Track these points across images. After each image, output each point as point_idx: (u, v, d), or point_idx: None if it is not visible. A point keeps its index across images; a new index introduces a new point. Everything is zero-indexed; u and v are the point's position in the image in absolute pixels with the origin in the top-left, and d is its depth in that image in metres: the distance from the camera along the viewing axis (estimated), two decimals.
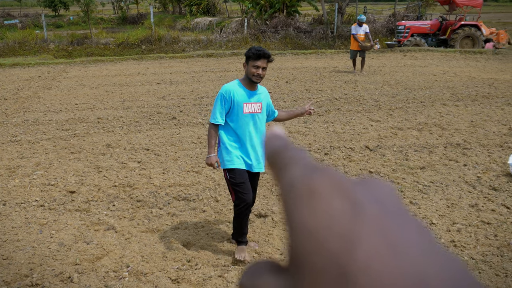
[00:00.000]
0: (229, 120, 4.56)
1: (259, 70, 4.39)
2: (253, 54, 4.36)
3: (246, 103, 4.51)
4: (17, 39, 24.55)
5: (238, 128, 4.54)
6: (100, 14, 52.80)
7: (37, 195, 6.41)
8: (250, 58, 4.40)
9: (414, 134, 8.88)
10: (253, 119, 4.57)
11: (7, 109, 11.39)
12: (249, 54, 4.42)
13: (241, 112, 4.50)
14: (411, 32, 22.87)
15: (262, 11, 29.12)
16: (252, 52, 4.39)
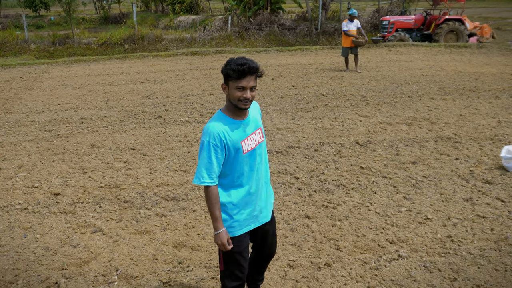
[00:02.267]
0: (226, 170, 3.26)
1: (246, 93, 3.06)
2: (234, 71, 3.00)
3: (244, 139, 3.21)
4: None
5: (241, 176, 3.27)
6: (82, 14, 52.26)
7: (20, 198, 6.20)
8: (230, 77, 3.04)
9: (403, 129, 8.79)
10: (258, 152, 3.32)
11: None
12: (227, 71, 3.05)
13: (240, 155, 3.20)
14: (395, 27, 22.87)
15: (246, 8, 28.93)
16: (231, 68, 3.01)
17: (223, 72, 3.09)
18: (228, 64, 3.05)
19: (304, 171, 6.91)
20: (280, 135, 8.62)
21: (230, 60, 3.08)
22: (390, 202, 5.79)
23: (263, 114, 10.08)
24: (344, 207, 5.71)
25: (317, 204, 5.82)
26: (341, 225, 5.25)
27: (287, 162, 7.27)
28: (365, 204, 5.76)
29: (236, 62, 3.01)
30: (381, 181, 6.47)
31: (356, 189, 6.22)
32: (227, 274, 3.46)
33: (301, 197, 6.03)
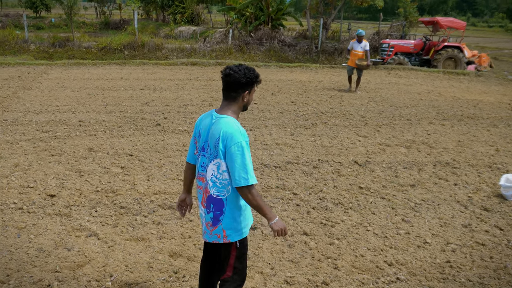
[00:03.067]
0: None
1: None
2: (258, 78, 3.33)
3: None
4: None
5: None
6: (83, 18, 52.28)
7: (15, 197, 6.12)
8: (256, 83, 3.34)
9: (402, 151, 8.79)
10: None
11: None
12: (257, 78, 3.32)
13: None
14: (395, 50, 22.99)
15: (247, 22, 29.03)
16: (257, 75, 3.32)
17: (253, 78, 3.26)
18: (253, 71, 3.26)
19: (303, 187, 6.87)
20: (279, 150, 8.58)
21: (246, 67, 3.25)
22: (389, 224, 5.76)
23: (262, 128, 10.06)
24: (343, 226, 5.67)
25: (315, 221, 5.78)
26: (339, 244, 5.21)
27: (285, 177, 7.23)
28: (364, 224, 5.72)
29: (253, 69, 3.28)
30: (380, 202, 6.44)
31: (354, 209, 6.19)
32: (235, 279, 3.48)
33: (300, 214, 5.99)
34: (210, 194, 3.31)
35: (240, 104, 3.32)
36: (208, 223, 3.38)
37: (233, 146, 3.14)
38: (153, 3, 45.55)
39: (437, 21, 23.09)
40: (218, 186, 3.28)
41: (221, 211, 3.32)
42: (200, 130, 3.41)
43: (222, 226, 3.33)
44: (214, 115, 3.31)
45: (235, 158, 3.14)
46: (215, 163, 3.25)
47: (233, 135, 3.15)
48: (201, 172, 3.40)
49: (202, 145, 3.36)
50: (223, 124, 3.21)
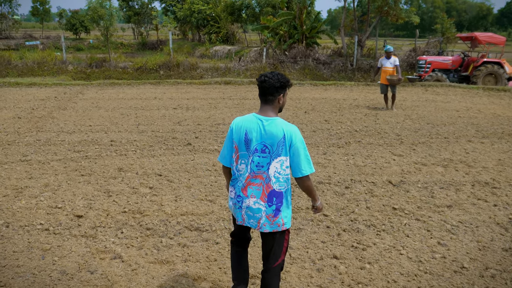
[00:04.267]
0: None
1: None
2: (289, 82, 3.84)
3: None
4: (36, 60, 24.65)
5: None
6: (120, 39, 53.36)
7: (42, 218, 6.09)
8: (287, 87, 3.82)
9: (439, 171, 8.47)
10: None
11: (20, 128, 11.18)
12: (289, 82, 3.82)
13: None
14: (432, 67, 22.58)
15: (281, 41, 29.06)
16: (289, 80, 3.82)
17: (286, 83, 3.75)
18: (285, 76, 3.74)
19: (334, 208, 6.65)
20: None
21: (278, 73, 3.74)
22: (424, 247, 5.48)
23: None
24: (375, 249, 5.43)
25: (346, 244, 5.55)
26: (370, 269, 4.97)
27: None
28: (397, 248, 5.46)
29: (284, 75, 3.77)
30: (414, 224, 6.17)
31: (387, 231, 5.93)
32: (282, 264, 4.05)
33: (330, 236, 5.77)
34: (273, 189, 3.72)
35: (277, 106, 3.79)
36: (270, 215, 3.75)
37: (298, 142, 3.66)
38: (188, 23, 46.13)
39: (475, 37, 22.62)
40: (281, 181, 3.72)
41: (282, 203, 3.76)
42: (247, 133, 3.76)
43: (282, 216, 3.77)
44: (263, 119, 3.73)
45: (300, 152, 3.66)
46: (278, 161, 3.69)
47: (296, 132, 3.68)
48: (257, 171, 3.75)
49: (256, 147, 3.72)
50: (282, 125, 3.68)
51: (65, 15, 61.01)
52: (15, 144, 9.82)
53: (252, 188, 3.77)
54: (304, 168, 3.67)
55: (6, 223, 5.89)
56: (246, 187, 3.80)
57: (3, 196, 6.86)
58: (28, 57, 25.10)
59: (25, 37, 51.70)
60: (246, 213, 3.82)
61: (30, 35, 55.24)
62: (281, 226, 3.78)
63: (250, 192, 3.77)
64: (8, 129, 11.13)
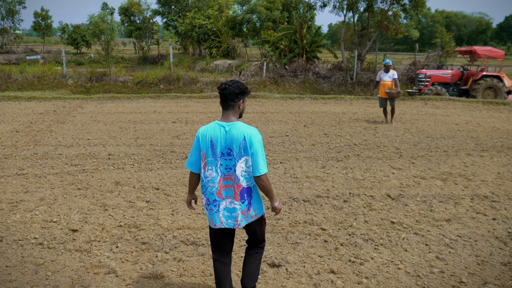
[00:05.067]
0: None
1: None
2: (248, 89, 4.18)
3: None
4: (36, 74, 24.71)
5: None
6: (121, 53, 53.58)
7: (37, 232, 6.03)
8: (247, 93, 4.16)
9: (438, 184, 8.42)
10: None
11: (17, 142, 11.15)
12: (248, 89, 4.16)
13: None
14: (432, 81, 22.60)
15: (282, 55, 29.15)
16: (247, 87, 4.16)
17: (244, 89, 4.07)
18: (243, 84, 4.08)
19: (332, 222, 6.59)
20: (309, 183, 8.34)
21: (236, 81, 4.07)
22: (422, 262, 5.42)
23: (293, 161, 9.85)
24: (372, 263, 5.36)
25: (343, 258, 5.49)
26: (368, 283, 4.90)
27: (314, 212, 6.97)
28: (395, 262, 5.40)
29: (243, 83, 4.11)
30: (413, 238, 6.10)
31: (385, 245, 5.87)
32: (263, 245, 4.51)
33: (327, 250, 5.71)
34: (243, 186, 4.05)
35: (238, 111, 4.10)
36: (244, 210, 4.10)
37: (256, 143, 3.98)
38: (189, 37, 46.32)
39: (474, 51, 22.67)
40: (247, 177, 4.05)
41: (251, 196, 4.12)
42: (212, 140, 4.05)
43: (253, 208, 4.15)
44: (225, 124, 4.04)
45: (258, 153, 3.98)
46: (243, 161, 4.01)
47: (254, 134, 4.00)
48: (226, 174, 4.05)
49: (221, 151, 4.03)
50: (242, 128, 4.00)
51: (67, 30, 61.32)
52: (12, 157, 9.78)
53: (225, 190, 4.07)
54: (261, 167, 3.99)
55: (0, 237, 5.83)
56: (220, 191, 4.09)
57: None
58: (28, 71, 25.16)
59: (26, 52, 51.98)
60: (224, 215, 4.10)
61: (31, 50, 55.54)
62: (254, 217, 4.17)
63: (225, 194, 4.08)
64: (6, 142, 11.09)
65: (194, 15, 44.53)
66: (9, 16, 53.80)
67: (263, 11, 35.84)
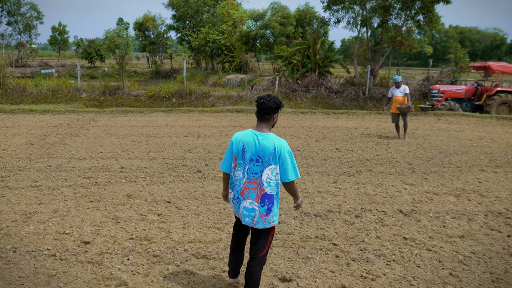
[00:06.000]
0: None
1: None
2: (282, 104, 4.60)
3: None
4: (51, 87, 24.93)
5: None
6: (134, 67, 54.00)
7: (50, 243, 6.06)
8: (280, 108, 4.59)
9: (451, 200, 8.35)
10: None
11: (31, 154, 11.24)
12: (282, 104, 4.58)
13: None
14: (445, 96, 22.51)
15: (294, 70, 29.22)
16: (281, 102, 4.58)
17: (280, 104, 4.53)
18: (279, 99, 4.51)
19: (343, 237, 6.56)
20: (321, 198, 8.31)
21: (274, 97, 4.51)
22: (435, 278, 5.37)
23: (304, 176, 9.83)
24: (384, 279, 5.32)
25: (355, 274, 5.45)
26: None
27: (325, 227, 6.94)
28: (407, 278, 5.35)
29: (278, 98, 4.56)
30: (426, 254, 6.05)
31: (398, 261, 5.82)
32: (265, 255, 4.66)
33: (338, 265, 5.67)
34: (265, 192, 4.47)
35: (271, 123, 4.57)
36: (262, 214, 4.49)
37: (286, 153, 4.43)
38: (203, 52, 46.60)
39: (489, 66, 22.58)
40: (272, 185, 4.47)
41: (273, 203, 4.51)
42: (245, 145, 4.52)
43: (273, 214, 4.53)
44: (258, 134, 4.49)
45: (287, 161, 4.43)
46: (270, 169, 4.44)
47: (284, 145, 4.45)
48: (252, 178, 4.50)
49: (251, 157, 4.49)
50: (273, 139, 4.44)
51: (82, 44, 61.96)
52: (26, 170, 9.86)
53: (248, 192, 4.53)
54: (290, 174, 4.44)
55: (13, 248, 5.87)
56: (243, 191, 4.56)
57: (12, 221, 6.85)
58: (43, 85, 25.41)
59: (41, 65, 52.54)
60: (243, 213, 4.56)
61: (46, 63, 56.13)
62: (271, 223, 4.54)
63: (247, 195, 4.53)
64: (20, 155, 11.19)
65: (208, 30, 44.85)
66: (26, 31, 54.49)
67: (277, 26, 36.02)
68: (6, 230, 6.49)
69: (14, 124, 16.16)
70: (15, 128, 15.27)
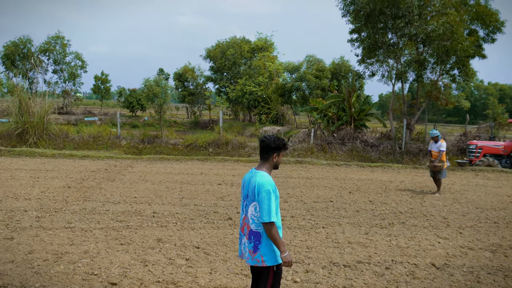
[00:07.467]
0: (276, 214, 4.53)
1: None
2: (285, 146, 4.69)
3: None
4: (92, 134, 25.63)
5: (278, 220, 4.59)
6: (174, 117, 55.01)
7: (77, 283, 6.13)
8: (284, 149, 4.69)
9: (486, 256, 8.11)
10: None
11: (68, 197, 11.49)
12: (284, 144, 4.68)
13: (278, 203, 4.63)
14: (483, 152, 22.11)
15: (330, 122, 29.29)
16: (285, 143, 4.71)
17: (280, 145, 4.62)
18: (281, 140, 4.64)
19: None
20: (351, 248, 8.19)
21: (276, 137, 4.65)
22: None
23: (335, 226, 9.73)
24: None
25: None
26: None
27: (354, 277, 6.81)
28: None
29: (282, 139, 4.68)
30: None
31: None
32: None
33: None
34: (251, 228, 4.53)
35: (271, 163, 4.67)
36: (250, 251, 4.54)
37: (263, 192, 4.39)
38: (240, 103, 47.23)
39: None
40: (256, 222, 4.51)
41: (259, 241, 4.50)
42: (244, 183, 4.72)
43: (260, 253, 4.49)
44: (253, 171, 4.64)
45: (263, 201, 4.38)
46: (253, 205, 4.50)
47: (264, 184, 4.43)
48: (245, 214, 4.64)
49: (246, 193, 4.64)
50: (258, 177, 4.51)
51: (124, 94, 63.60)
52: (62, 211, 10.06)
53: (244, 228, 4.65)
54: (264, 215, 4.37)
55: (42, 286, 5.96)
56: (242, 227, 4.71)
57: (43, 260, 6.97)
58: (84, 131, 26.14)
59: (85, 113, 54.10)
60: (244, 248, 4.67)
61: (90, 112, 57.82)
62: (260, 262, 4.49)
63: (245, 231, 4.64)
64: (57, 197, 11.46)
65: (245, 82, 45.59)
66: (70, 79, 56.45)
67: (312, 79, 36.37)
68: (37, 269, 6.60)
69: (55, 168, 16.59)
70: (55, 171, 15.68)
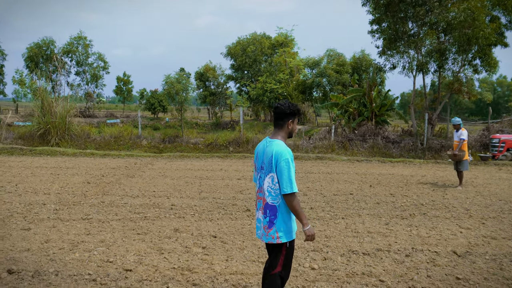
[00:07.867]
0: None
1: None
2: (299, 111, 4.44)
3: None
4: (113, 134, 25.77)
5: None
6: (195, 119, 55.20)
7: (92, 269, 6.11)
8: (298, 115, 4.43)
9: (510, 245, 7.89)
10: None
11: (87, 191, 11.54)
12: (299, 111, 4.43)
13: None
14: (506, 146, 21.68)
15: (351, 119, 29.04)
16: (299, 109, 4.44)
17: (295, 110, 4.36)
18: (295, 106, 4.37)
19: (392, 275, 6.27)
20: (370, 238, 8.04)
21: (290, 102, 4.38)
22: None
23: (355, 217, 9.59)
24: None
25: None
26: None
27: (373, 264, 6.67)
28: None
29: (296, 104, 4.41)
30: None
31: None
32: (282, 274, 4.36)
33: None
34: (266, 202, 4.28)
35: (286, 131, 4.41)
36: (265, 226, 4.31)
37: (282, 162, 4.15)
38: (261, 102, 47.18)
39: None
40: (273, 195, 4.26)
41: (275, 216, 4.25)
42: (258, 153, 4.48)
43: (276, 228, 4.26)
44: (267, 140, 4.41)
45: (283, 171, 4.14)
46: (270, 177, 4.24)
47: (282, 153, 4.18)
48: (260, 187, 4.40)
49: (260, 164, 4.39)
50: (274, 146, 4.26)
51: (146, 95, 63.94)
52: (80, 204, 10.10)
53: (259, 202, 4.44)
54: (285, 186, 4.13)
55: (56, 271, 5.94)
56: (256, 201, 4.50)
57: (59, 248, 6.98)
58: (106, 131, 26.31)
59: (107, 116, 54.60)
60: (256, 225, 4.52)
61: (112, 114, 58.37)
62: (275, 239, 4.27)
63: (259, 205, 4.43)
64: (76, 192, 11.51)
65: (265, 79, 45.52)
66: (93, 81, 57.04)
67: (333, 74, 36.17)
68: (52, 256, 6.61)
69: (75, 165, 16.72)
70: (75, 169, 15.79)
